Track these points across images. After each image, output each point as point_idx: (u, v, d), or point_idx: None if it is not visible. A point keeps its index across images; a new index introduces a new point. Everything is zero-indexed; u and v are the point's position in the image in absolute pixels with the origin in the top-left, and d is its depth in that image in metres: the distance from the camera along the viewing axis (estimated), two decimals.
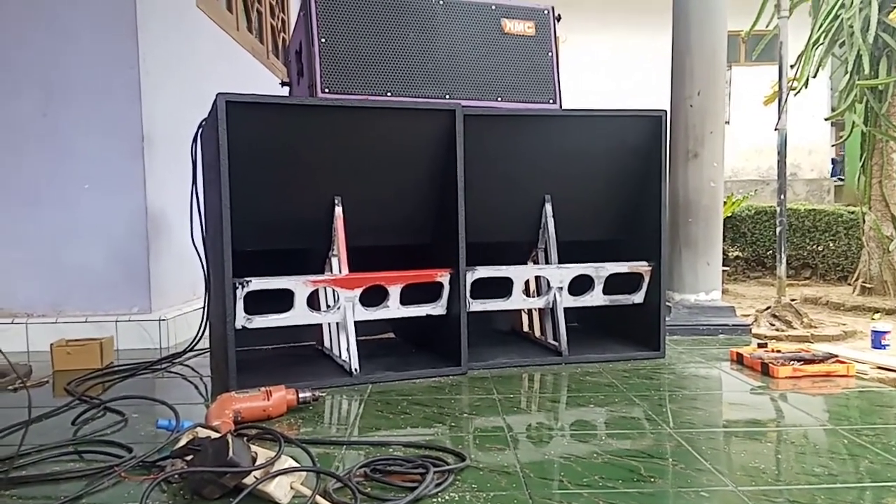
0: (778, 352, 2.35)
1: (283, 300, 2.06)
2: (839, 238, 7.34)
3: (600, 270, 2.42)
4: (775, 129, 4.29)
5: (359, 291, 2.15)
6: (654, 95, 5.98)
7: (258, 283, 1.99)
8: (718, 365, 2.36)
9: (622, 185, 2.48)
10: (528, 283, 2.44)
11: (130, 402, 1.89)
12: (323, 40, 2.13)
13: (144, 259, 2.83)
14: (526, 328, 2.70)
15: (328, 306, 2.20)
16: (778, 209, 4.27)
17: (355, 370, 2.12)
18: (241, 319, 2.00)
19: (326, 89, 2.11)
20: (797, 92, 5.58)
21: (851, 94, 5.53)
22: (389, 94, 2.18)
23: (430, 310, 2.26)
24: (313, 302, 2.14)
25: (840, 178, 11.63)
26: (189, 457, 1.28)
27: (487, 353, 2.39)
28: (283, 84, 2.68)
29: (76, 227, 2.81)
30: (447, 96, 2.25)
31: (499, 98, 2.32)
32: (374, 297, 2.19)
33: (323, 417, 1.77)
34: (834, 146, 11.56)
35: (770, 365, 2.16)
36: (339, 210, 2.19)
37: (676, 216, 3.13)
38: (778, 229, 4.25)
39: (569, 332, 2.41)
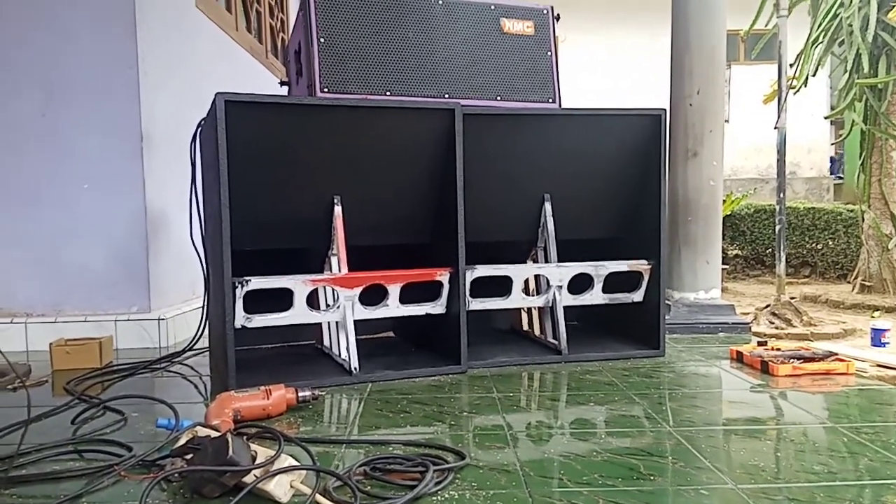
0: (778, 350, 2.35)
1: (282, 299, 2.06)
2: (838, 236, 7.35)
3: (600, 269, 2.42)
4: (775, 127, 4.29)
5: (358, 290, 2.15)
6: (653, 94, 5.99)
7: (257, 283, 1.99)
8: (718, 363, 2.36)
9: (622, 184, 2.48)
10: (527, 281, 2.44)
11: (130, 401, 1.89)
12: (322, 40, 2.13)
13: (144, 258, 2.83)
14: (525, 327, 2.70)
15: (328, 305, 2.20)
16: (777, 207, 4.28)
17: (355, 369, 2.12)
18: (241, 319, 2.01)
19: (325, 89, 2.11)
20: (796, 90, 5.59)
21: (851, 92, 5.54)
22: (388, 93, 2.18)
23: (429, 308, 2.27)
24: (313, 301, 2.14)
25: (839, 177, 11.64)
26: (189, 456, 1.29)
27: (487, 352, 2.39)
28: (281, 83, 2.68)
29: (76, 227, 2.81)
30: (446, 95, 2.25)
31: (498, 97, 2.32)
32: (373, 296, 2.19)
33: (322, 416, 1.77)
34: (833, 144, 11.57)
35: (770, 363, 2.16)
36: (338, 209, 2.19)
37: (676, 215, 3.13)
38: (777, 227, 4.25)
39: (568, 330, 2.41)
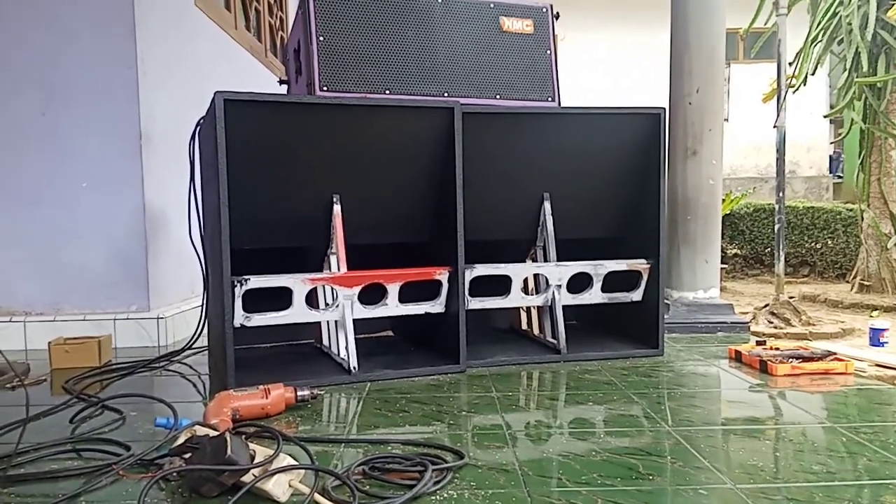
0: (776, 349, 2.35)
1: (281, 298, 2.06)
2: (837, 235, 7.35)
3: (599, 268, 2.42)
4: (774, 126, 4.29)
5: (357, 289, 2.15)
6: (652, 93, 5.98)
7: (256, 282, 1.99)
8: (717, 363, 2.36)
9: (621, 183, 2.48)
10: (526, 280, 2.44)
11: (128, 400, 1.89)
12: (321, 38, 2.12)
13: (143, 258, 2.83)
14: (525, 326, 2.70)
15: (327, 304, 2.20)
16: (776, 206, 4.28)
17: (354, 368, 2.12)
18: (240, 317, 2.00)
19: (325, 87, 2.11)
20: (796, 89, 5.59)
21: (850, 91, 5.54)
22: (388, 91, 2.18)
23: (428, 308, 2.26)
24: (312, 300, 2.14)
25: (838, 176, 11.64)
26: (187, 455, 1.29)
27: (486, 351, 2.39)
28: (281, 82, 2.68)
29: (75, 226, 2.80)
30: (446, 94, 2.25)
31: (497, 96, 2.32)
32: (372, 295, 2.19)
33: (321, 415, 1.77)
34: (833, 143, 11.57)
35: (768, 363, 2.16)
36: (337, 208, 2.19)
37: (675, 214, 3.13)
38: (776, 227, 4.25)
39: (567, 329, 2.41)
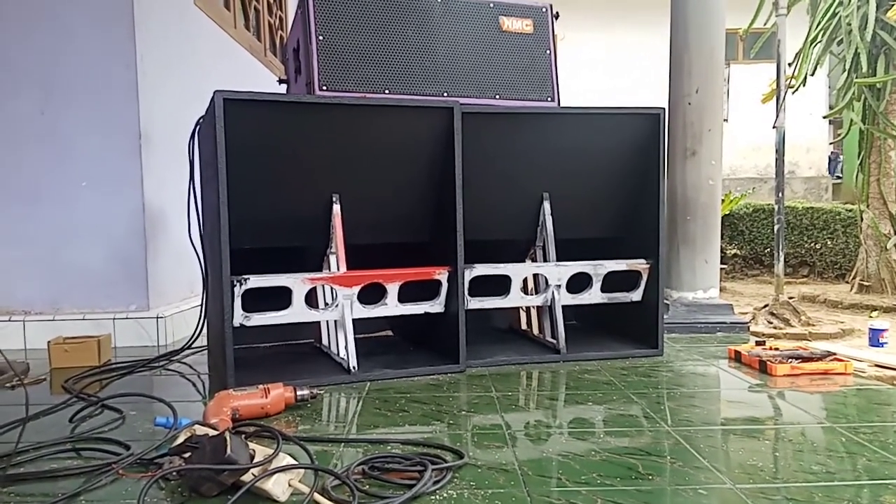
0: (776, 350, 2.35)
1: (281, 298, 2.05)
2: (837, 236, 7.35)
3: (598, 268, 2.42)
4: (773, 126, 4.29)
5: (357, 289, 2.15)
6: (652, 93, 5.98)
7: (256, 281, 1.99)
8: (716, 363, 2.36)
9: (620, 183, 2.48)
10: (526, 280, 2.44)
11: (128, 399, 1.89)
12: (321, 38, 2.12)
13: (142, 257, 2.83)
14: (524, 326, 2.70)
15: (326, 304, 2.20)
16: (776, 207, 4.28)
17: (353, 368, 2.12)
18: (239, 317, 2.00)
19: (324, 87, 2.11)
20: (795, 90, 5.59)
21: (849, 91, 5.54)
22: (387, 91, 2.18)
23: (428, 307, 2.26)
24: (311, 300, 2.14)
25: (838, 176, 11.64)
26: (187, 454, 1.28)
27: (486, 351, 2.39)
28: (280, 81, 2.68)
29: (74, 226, 2.80)
30: (445, 94, 2.25)
31: (497, 96, 2.32)
32: (372, 294, 2.19)
33: (321, 415, 1.76)
34: (832, 144, 11.57)
35: (768, 363, 2.16)
36: (336, 208, 2.19)
37: (675, 214, 3.13)
38: (776, 227, 4.26)
39: (567, 329, 2.41)
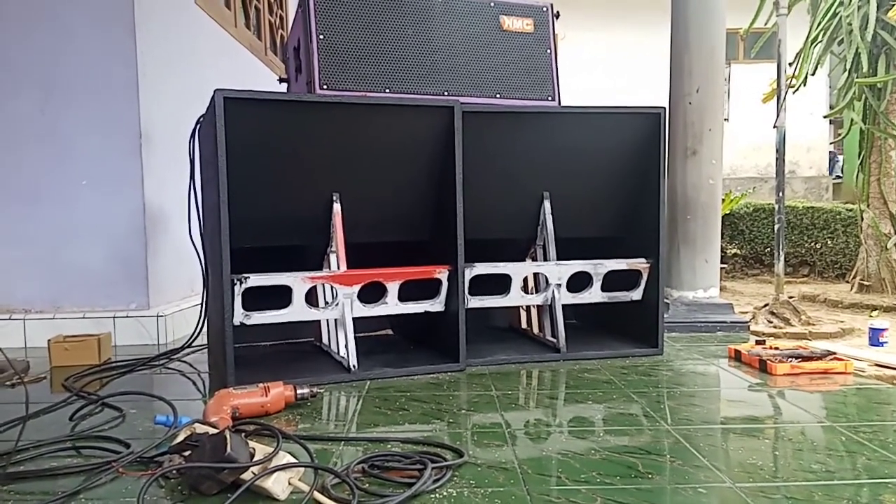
0: (776, 349, 2.36)
1: (281, 297, 2.06)
2: (837, 235, 7.35)
3: (599, 267, 2.42)
4: (774, 126, 4.29)
5: (357, 288, 2.15)
6: (652, 93, 5.97)
7: (256, 280, 1.99)
8: (716, 362, 2.36)
9: (621, 183, 2.48)
10: (526, 279, 2.44)
11: (128, 397, 1.89)
12: (321, 37, 2.12)
13: (142, 256, 2.83)
14: (524, 325, 2.70)
15: (326, 303, 2.20)
16: (776, 206, 4.28)
17: (353, 366, 2.12)
18: (240, 316, 2.00)
19: (325, 86, 2.11)
20: (796, 89, 5.58)
21: (850, 91, 5.53)
22: (388, 90, 2.18)
23: (428, 306, 2.26)
24: (311, 298, 2.14)
25: (838, 176, 11.64)
26: (187, 452, 1.29)
27: (486, 350, 2.39)
28: (280, 80, 2.68)
29: (75, 225, 2.80)
30: (446, 93, 2.25)
31: (497, 95, 2.32)
32: (372, 293, 2.19)
33: (321, 414, 1.77)
34: (832, 144, 11.56)
35: (768, 362, 2.16)
36: (337, 207, 2.19)
37: (675, 213, 3.13)
38: (776, 227, 4.25)
39: (567, 328, 2.41)
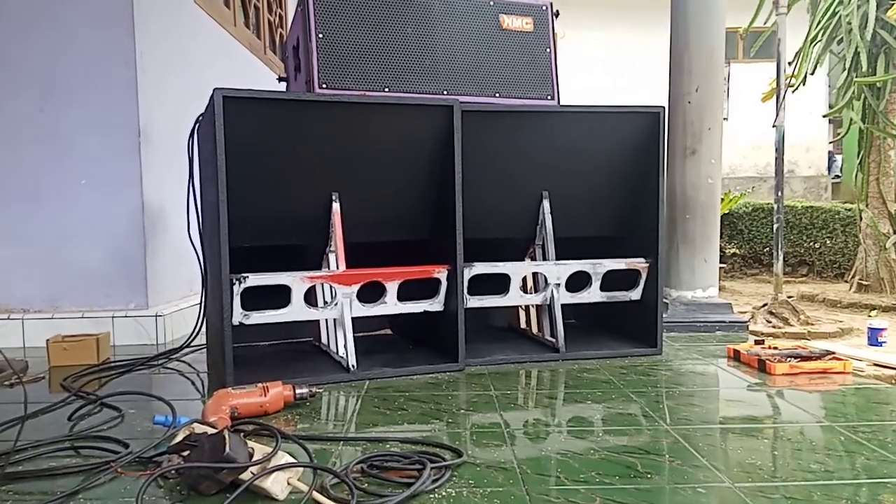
0: (775, 349, 2.36)
1: (280, 296, 2.05)
2: (836, 235, 7.35)
3: (598, 267, 2.42)
4: (773, 125, 4.29)
5: (356, 287, 2.15)
6: (651, 92, 5.97)
7: (255, 280, 1.98)
8: (715, 361, 2.36)
9: (620, 182, 2.48)
10: (525, 279, 2.44)
11: (127, 397, 1.89)
12: (320, 35, 2.12)
13: (141, 255, 2.83)
14: (523, 325, 2.70)
15: (325, 302, 2.20)
16: (775, 206, 4.28)
17: (352, 366, 2.12)
18: (239, 316, 2.00)
19: (324, 85, 2.11)
20: (795, 89, 5.58)
21: (849, 91, 5.53)
22: (387, 89, 2.18)
23: (427, 306, 2.26)
24: (310, 298, 2.14)
25: (836, 175, 11.64)
26: (186, 452, 1.29)
27: (485, 350, 2.39)
28: (280, 80, 2.68)
29: (74, 224, 2.80)
30: (445, 92, 2.25)
31: (497, 94, 2.32)
32: (371, 293, 2.19)
33: (320, 413, 1.76)
34: (832, 143, 11.57)
35: (767, 362, 2.16)
36: (336, 206, 2.19)
37: (674, 213, 3.13)
38: (775, 226, 4.25)
39: (566, 328, 2.41)
